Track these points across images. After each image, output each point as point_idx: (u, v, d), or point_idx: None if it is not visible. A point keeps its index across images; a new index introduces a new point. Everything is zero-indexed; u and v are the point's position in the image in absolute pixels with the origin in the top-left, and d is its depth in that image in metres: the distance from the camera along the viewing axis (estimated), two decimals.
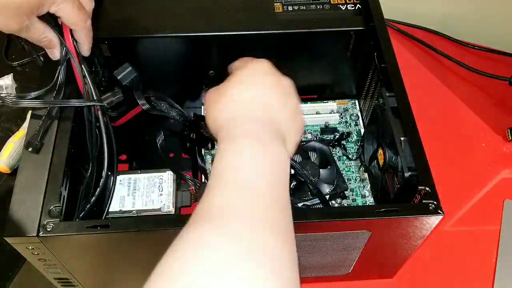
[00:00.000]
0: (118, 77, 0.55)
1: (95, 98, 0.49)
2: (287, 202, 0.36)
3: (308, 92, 0.71)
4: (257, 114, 0.40)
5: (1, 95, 0.46)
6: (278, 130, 0.40)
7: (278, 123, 0.40)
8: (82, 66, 0.49)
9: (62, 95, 0.49)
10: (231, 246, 0.29)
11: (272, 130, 0.39)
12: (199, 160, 0.61)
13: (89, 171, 0.51)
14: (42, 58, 0.52)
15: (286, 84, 0.44)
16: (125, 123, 0.59)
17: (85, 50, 0.49)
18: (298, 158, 0.64)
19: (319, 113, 0.70)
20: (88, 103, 0.49)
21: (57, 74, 0.48)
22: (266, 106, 0.41)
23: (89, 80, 0.49)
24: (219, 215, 0.32)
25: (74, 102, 0.49)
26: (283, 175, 0.37)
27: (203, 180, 0.62)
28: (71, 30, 0.47)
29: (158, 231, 0.43)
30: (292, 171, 0.62)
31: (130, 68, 0.56)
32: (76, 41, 0.47)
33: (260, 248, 0.30)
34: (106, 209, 0.54)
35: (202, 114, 0.69)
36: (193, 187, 0.57)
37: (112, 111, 0.55)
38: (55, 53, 0.48)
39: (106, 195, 0.55)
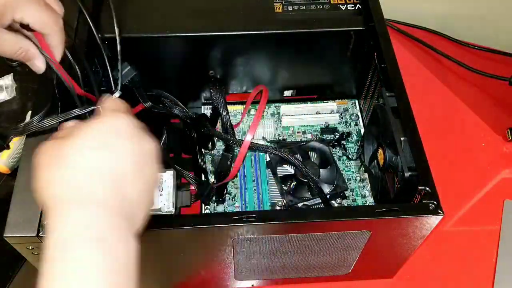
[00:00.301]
0: (117, 77, 0.55)
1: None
2: None
3: (308, 92, 0.71)
4: (102, 195, 0.31)
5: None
6: (124, 208, 0.32)
7: (127, 200, 0.32)
8: (77, 68, 0.46)
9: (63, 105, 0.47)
10: None
11: (117, 215, 0.31)
12: (199, 159, 0.61)
13: None
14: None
15: (146, 150, 0.35)
16: None
17: (58, 54, 0.43)
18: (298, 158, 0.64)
19: (319, 113, 0.70)
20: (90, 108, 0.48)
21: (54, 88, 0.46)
22: (115, 180, 0.32)
23: (93, 82, 0.48)
24: None
25: (77, 111, 0.45)
26: (129, 273, 0.30)
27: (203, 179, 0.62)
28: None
29: (158, 231, 0.43)
30: (292, 171, 0.62)
31: (129, 67, 0.56)
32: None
33: None
34: None
35: (203, 113, 0.69)
36: (194, 186, 0.57)
37: None
38: (37, 65, 0.43)
39: None
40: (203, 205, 0.61)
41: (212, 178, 0.63)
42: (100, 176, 0.32)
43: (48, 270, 0.29)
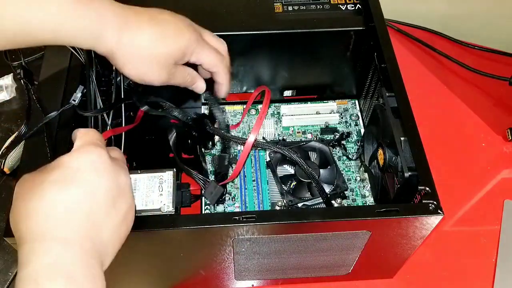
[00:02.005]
0: (117, 79, 0.55)
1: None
2: None
3: (308, 92, 0.71)
4: (74, 233, 0.32)
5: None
6: (95, 248, 0.33)
7: (99, 237, 0.33)
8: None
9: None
10: None
11: (89, 253, 0.32)
12: (201, 159, 0.61)
13: None
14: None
15: (121, 183, 0.36)
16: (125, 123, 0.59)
17: (224, 91, 0.52)
18: None
19: (319, 113, 0.70)
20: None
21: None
22: (89, 218, 0.33)
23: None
24: None
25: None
26: None
27: None
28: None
29: (158, 231, 0.43)
30: (292, 171, 0.62)
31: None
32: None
33: None
34: None
35: (203, 112, 0.69)
36: (202, 188, 0.56)
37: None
38: (200, 86, 0.51)
39: None
40: (203, 205, 0.61)
41: (212, 178, 0.63)
42: (74, 213, 0.32)
43: None
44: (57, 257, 0.30)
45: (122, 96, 0.55)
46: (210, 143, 0.65)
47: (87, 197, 0.33)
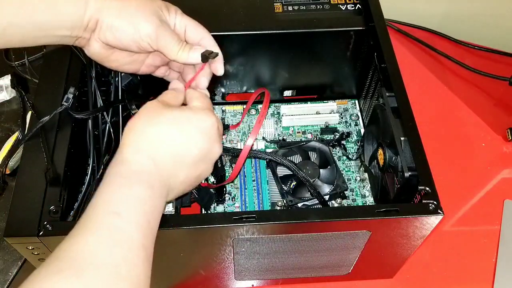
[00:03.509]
0: (115, 79, 0.55)
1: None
2: (152, 250, 0.37)
3: (308, 92, 0.71)
4: (165, 164, 0.39)
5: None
6: (169, 183, 0.40)
7: (176, 178, 0.40)
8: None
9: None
10: None
11: (166, 182, 0.39)
12: None
13: (89, 171, 0.51)
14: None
15: (213, 152, 0.43)
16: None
17: (221, 61, 0.50)
18: (298, 158, 0.64)
19: (319, 113, 0.70)
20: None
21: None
22: (179, 160, 0.40)
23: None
24: (78, 263, 0.31)
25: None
26: (157, 224, 0.38)
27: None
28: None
29: (158, 231, 0.43)
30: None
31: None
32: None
33: None
34: None
35: None
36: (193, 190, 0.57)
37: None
38: (195, 56, 0.48)
39: None
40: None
41: (212, 178, 0.63)
42: (170, 149, 0.40)
43: (107, 184, 0.37)
44: (146, 166, 0.38)
45: (119, 97, 0.55)
46: None
47: (186, 148, 0.41)
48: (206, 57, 0.46)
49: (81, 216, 0.35)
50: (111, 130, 0.54)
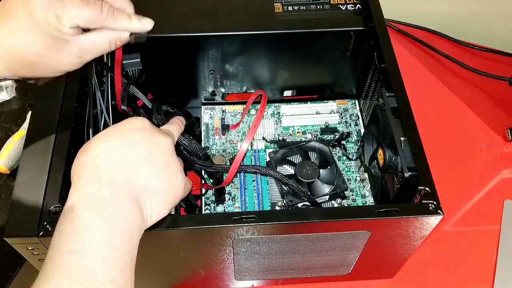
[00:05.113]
0: (124, 62, 0.56)
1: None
2: (126, 277, 0.34)
3: (308, 92, 0.71)
4: (109, 175, 0.37)
5: None
6: (133, 191, 0.37)
7: (136, 182, 0.38)
8: None
9: None
10: None
11: (123, 192, 0.37)
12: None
13: None
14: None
15: (159, 141, 0.41)
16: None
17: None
18: (298, 158, 0.64)
19: (319, 113, 0.70)
20: None
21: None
22: (125, 163, 0.38)
23: None
24: None
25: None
26: (128, 246, 0.35)
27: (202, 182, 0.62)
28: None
29: (158, 231, 0.43)
30: (292, 171, 0.62)
31: (138, 60, 0.57)
32: None
33: None
34: None
35: (202, 115, 0.69)
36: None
37: None
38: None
39: None
40: (203, 205, 0.61)
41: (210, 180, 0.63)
42: (111, 160, 0.38)
43: (58, 228, 0.35)
44: (92, 192, 0.36)
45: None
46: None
47: (124, 147, 0.39)
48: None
49: (43, 263, 0.33)
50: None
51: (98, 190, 0.36)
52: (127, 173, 0.38)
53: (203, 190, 0.61)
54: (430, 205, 0.44)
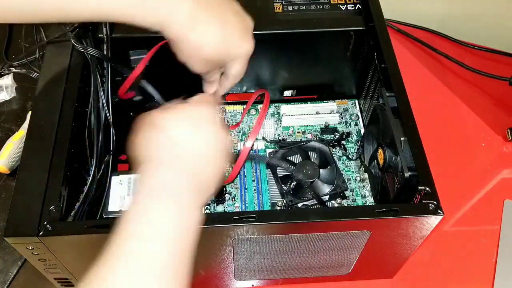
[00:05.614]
0: (131, 57, 0.57)
1: None
2: (185, 265, 0.35)
3: (308, 92, 0.71)
4: (185, 164, 0.38)
5: None
6: (196, 177, 0.38)
7: (201, 174, 0.39)
8: None
9: None
10: None
11: (194, 185, 0.38)
12: None
13: (91, 172, 0.51)
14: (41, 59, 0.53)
15: (223, 138, 0.41)
16: (125, 123, 0.59)
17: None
18: (298, 158, 0.64)
19: (319, 113, 0.70)
20: None
21: None
22: (196, 155, 0.39)
23: None
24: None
25: None
26: (192, 236, 0.36)
27: None
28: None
29: None
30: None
31: (145, 56, 0.57)
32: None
33: None
34: (101, 208, 0.54)
35: None
36: None
37: None
38: (210, 88, 0.51)
39: (103, 194, 0.55)
40: None
41: None
42: (182, 148, 0.38)
43: (132, 208, 0.35)
44: (169, 178, 0.36)
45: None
46: None
47: (197, 139, 0.39)
48: None
49: (108, 243, 0.34)
50: (113, 129, 0.54)
51: (176, 177, 0.37)
52: (197, 164, 0.39)
53: None
54: (430, 205, 0.44)
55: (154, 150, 0.38)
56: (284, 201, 0.59)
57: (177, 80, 0.66)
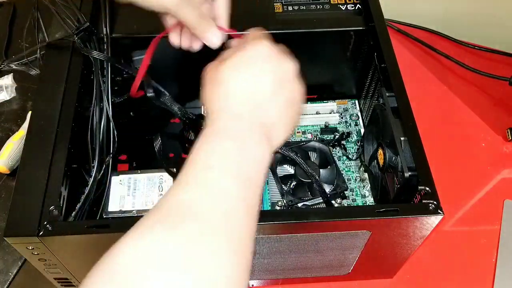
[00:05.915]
0: (134, 58, 0.57)
1: None
2: (255, 205, 0.35)
3: (308, 92, 0.70)
4: (245, 109, 0.39)
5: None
6: (263, 125, 0.39)
7: (266, 116, 0.39)
8: None
9: None
10: (178, 247, 0.29)
11: (256, 126, 0.38)
12: None
13: (93, 172, 0.51)
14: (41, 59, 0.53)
15: (286, 69, 0.42)
16: (125, 123, 0.59)
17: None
18: None
19: (319, 113, 0.70)
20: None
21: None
22: (257, 97, 0.39)
23: None
24: (176, 213, 0.31)
25: None
26: (259, 176, 0.37)
27: None
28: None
29: None
30: (292, 171, 0.62)
31: (148, 49, 0.57)
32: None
33: (206, 257, 0.30)
34: (101, 208, 0.54)
35: (202, 113, 0.69)
36: None
37: None
38: (212, 37, 0.50)
39: (103, 194, 0.55)
40: None
41: None
42: (243, 97, 0.39)
43: (198, 146, 0.36)
44: (231, 122, 0.38)
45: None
46: None
47: (256, 82, 0.39)
48: None
49: (179, 173, 0.34)
50: (114, 130, 0.54)
51: (237, 123, 0.38)
52: (256, 107, 0.39)
53: None
54: (430, 205, 0.44)
55: (217, 101, 0.39)
56: (284, 201, 0.59)
57: (179, 73, 0.66)
